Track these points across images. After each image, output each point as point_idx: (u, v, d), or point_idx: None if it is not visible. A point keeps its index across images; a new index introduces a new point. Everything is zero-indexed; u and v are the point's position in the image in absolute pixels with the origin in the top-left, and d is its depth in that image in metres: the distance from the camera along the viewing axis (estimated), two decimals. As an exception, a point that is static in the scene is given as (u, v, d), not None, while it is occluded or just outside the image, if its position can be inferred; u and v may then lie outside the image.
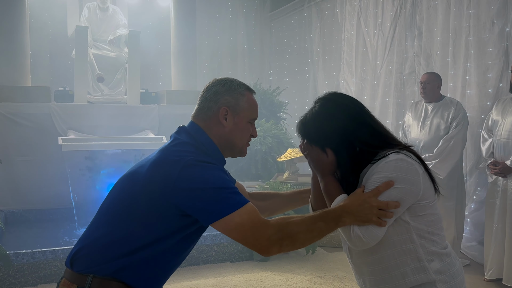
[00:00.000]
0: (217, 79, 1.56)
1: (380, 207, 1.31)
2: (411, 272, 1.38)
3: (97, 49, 5.96)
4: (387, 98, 5.39)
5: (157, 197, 1.34)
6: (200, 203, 1.31)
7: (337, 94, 1.51)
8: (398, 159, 1.36)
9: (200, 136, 1.47)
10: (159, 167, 1.37)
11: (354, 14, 5.93)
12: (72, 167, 4.99)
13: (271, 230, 1.30)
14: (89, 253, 1.39)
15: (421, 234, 1.39)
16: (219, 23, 8.03)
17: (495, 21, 3.98)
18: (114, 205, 1.43)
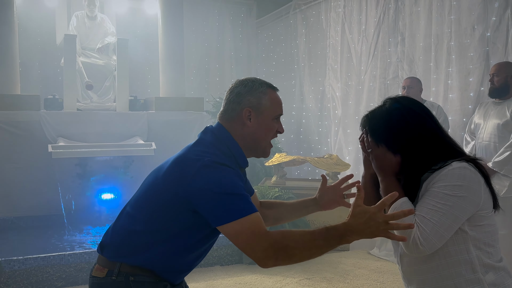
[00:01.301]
0: (239, 80, 1.59)
1: (387, 221, 1.26)
2: (465, 283, 1.36)
3: (86, 57, 5.99)
4: (371, 103, 5.49)
5: (174, 193, 1.41)
6: (209, 205, 1.36)
7: (408, 98, 1.51)
8: (461, 167, 1.35)
9: (225, 136, 1.51)
10: (178, 164, 1.44)
11: (339, 21, 6.03)
12: (62, 174, 4.99)
13: (268, 243, 1.30)
14: (117, 242, 1.49)
15: (478, 245, 1.37)
16: (206, 31, 8.11)
17: (476, 26, 4.10)
18: (140, 198, 1.52)
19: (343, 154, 5.89)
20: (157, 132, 5.55)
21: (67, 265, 3.71)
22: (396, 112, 1.45)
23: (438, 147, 1.42)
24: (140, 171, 5.30)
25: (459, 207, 1.32)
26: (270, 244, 1.30)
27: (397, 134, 1.43)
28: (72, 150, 4.79)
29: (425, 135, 1.42)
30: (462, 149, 1.47)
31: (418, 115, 1.44)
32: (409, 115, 1.43)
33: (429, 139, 1.42)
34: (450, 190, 1.33)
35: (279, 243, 1.30)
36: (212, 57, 8.13)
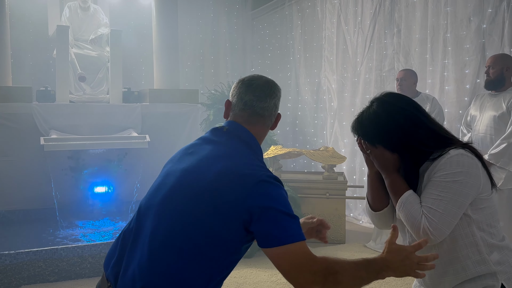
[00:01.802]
0: (271, 82, 1.53)
1: (420, 263, 1.29)
2: (472, 264, 1.43)
3: (79, 49, 5.92)
4: (367, 95, 5.47)
5: (228, 212, 1.28)
6: (269, 224, 1.26)
7: (393, 95, 1.54)
8: (459, 154, 1.41)
9: (254, 144, 1.45)
10: (230, 179, 1.30)
11: (334, 13, 5.99)
12: (54, 167, 4.94)
13: (318, 266, 1.26)
14: (168, 285, 1.28)
15: (481, 226, 1.43)
16: (201, 22, 8.03)
17: (472, 18, 4.07)
18: (177, 226, 1.30)
19: (339, 147, 5.87)
20: (151, 125, 5.50)
21: (59, 259, 3.67)
22: (383, 113, 1.48)
23: (431, 138, 1.46)
24: (133, 164, 5.27)
25: (462, 193, 1.38)
26: (322, 268, 1.26)
27: (388, 134, 1.46)
28: (64, 143, 4.73)
29: (416, 129, 1.45)
30: (454, 136, 1.52)
31: (405, 111, 1.47)
32: (396, 112, 1.47)
33: (420, 132, 1.46)
34: (451, 178, 1.38)
35: (331, 268, 1.26)
36: (207, 49, 8.07)
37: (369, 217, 1.67)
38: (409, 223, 1.42)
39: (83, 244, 3.79)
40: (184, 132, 5.71)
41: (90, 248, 3.77)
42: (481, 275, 1.43)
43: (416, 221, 1.40)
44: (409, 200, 1.44)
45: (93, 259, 3.77)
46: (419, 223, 1.39)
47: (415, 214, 1.41)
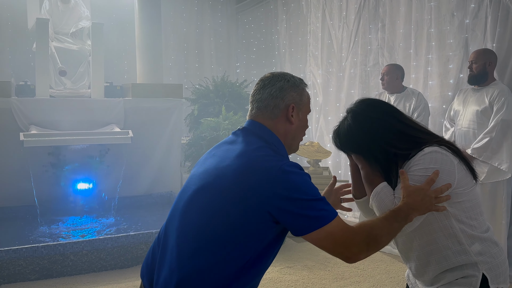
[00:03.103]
0: (275, 73, 1.51)
1: (436, 196, 1.41)
2: (453, 254, 1.49)
3: (59, 42, 5.80)
4: (352, 89, 5.47)
5: (253, 207, 1.28)
6: (295, 214, 1.28)
7: (364, 103, 1.60)
8: (432, 151, 1.47)
9: (270, 137, 1.43)
10: (249, 175, 1.30)
11: (319, 7, 5.97)
12: (34, 163, 4.84)
13: (360, 236, 1.31)
14: (198, 284, 1.30)
15: (460, 219, 1.48)
16: (185, 15, 7.94)
17: (455, 13, 4.09)
18: (204, 226, 1.32)
19: (324, 141, 5.87)
20: (134, 120, 5.42)
21: (40, 257, 3.60)
22: (354, 124, 1.55)
23: (403, 140, 1.52)
24: (116, 160, 5.20)
25: (433, 187, 1.44)
26: (363, 238, 1.32)
27: (362, 145, 1.54)
28: (45, 139, 4.63)
29: (386, 135, 1.52)
30: (432, 133, 1.57)
31: (372, 119, 1.53)
32: (364, 122, 1.54)
33: (392, 136, 1.52)
34: (424, 173, 1.45)
35: (371, 235, 1.33)
36: (191, 43, 7.99)
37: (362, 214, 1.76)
38: (381, 212, 1.48)
39: (65, 242, 3.73)
40: (168, 128, 5.64)
41: (72, 246, 3.71)
42: (462, 265, 1.48)
43: (388, 207, 1.47)
44: (384, 191, 1.50)
45: (75, 257, 3.71)
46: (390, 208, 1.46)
47: (388, 204, 1.47)
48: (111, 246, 3.83)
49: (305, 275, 3.70)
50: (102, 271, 3.79)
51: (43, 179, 4.90)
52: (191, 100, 6.23)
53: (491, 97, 3.45)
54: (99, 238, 3.81)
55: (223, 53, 8.23)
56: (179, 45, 7.88)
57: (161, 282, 1.35)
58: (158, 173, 5.61)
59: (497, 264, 1.50)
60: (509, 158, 3.36)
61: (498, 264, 1.50)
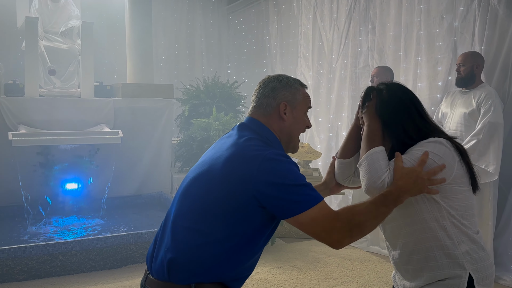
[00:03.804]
0: (272, 75, 1.61)
1: (429, 177, 1.42)
2: (441, 248, 1.48)
3: (49, 41, 5.75)
4: (342, 91, 5.50)
5: (239, 193, 1.36)
6: (281, 198, 1.34)
7: (399, 85, 1.64)
8: (437, 141, 1.49)
9: (264, 131, 1.52)
10: (237, 162, 1.39)
11: (310, 9, 5.99)
12: (23, 163, 4.80)
13: (341, 223, 1.35)
14: (186, 262, 1.40)
15: (452, 214, 1.49)
16: (176, 15, 7.93)
17: (444, 16, 4.12)
18: (197, 208, 1.42)
19: (314, 143, 5.89)
20: (124, 120, 5.40)
21: (29, 257, 3.58)
22: (387, 96, 1.59)
23: (420, 134, 1.54)
24: (106, 160, 5.17)
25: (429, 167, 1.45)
26: (345, 224, 1.35)
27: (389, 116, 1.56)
28: (33, 138, 4.60)
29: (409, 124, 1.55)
30: (447, 134, 1.59)
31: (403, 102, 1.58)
32: (394, 100, 1.58)
33: (412, 127, 1.55)
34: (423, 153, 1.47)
35: (353, 220, 1.36)
36: (182, 43, 7.97)
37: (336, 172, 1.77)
38: (368, 173, 1.48)
39: (53, 242, 3.71)
40: (158, 128, 5.63)
41: (60, 246, 3.69)
42: (449, 263, 1.48)
43: (377, 173, 1.47)
44: (380, 154, 1.50)
45: (63, 257, 3.69)
46: (380, 176, 1.46)
47: (380, 167, 1.47)
48: (100, 246, 3.82)
49: (295, 275, 3.71)
50: (91, 272, 3.77)
51: (32, 179, 4.86)
52: (182, 100, 6.21)
53: (479, 99, 3.49)
54: (88, 239, 3.79)
55: (214, 53, 8.22)
56: (170, 45, 7.86)
57: (158, 261, 1.45)
58: (148, 173, 5.59)
59: (484, 267, 1.50)
60: (495, 160, 3.40)
61: (485, 267, 1.50)
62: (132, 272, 3.78)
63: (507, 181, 3.64)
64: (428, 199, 1.49)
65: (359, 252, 4.29)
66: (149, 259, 1.53)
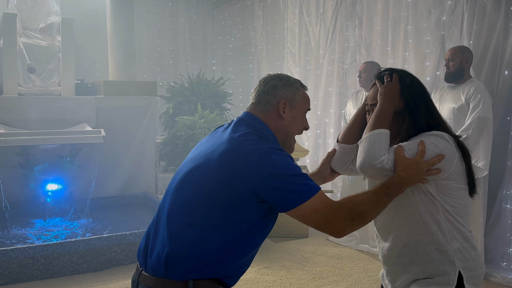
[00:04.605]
0: (273, 74, 1.61)
1: (428, 168, 1.44)
2: (432, 243, 1.49)
3: (28, 38, 5.61)
4: (330, 87, 5.45)
5: (237, 187, 1.35)
6: (279, 190, 1.34)
7: (413, 76, 1.63)
8: (439, 135, 1.50)
9: (260, 125, 1.51)
10: (234, 157, 1.38)
11: (296, 3, 5.93)
12: (2, 163, 4.69)
13: (343, 212, 1.36)
14: (186, 258, 1.38)
15: (447, 209, 1.49)
16: (159, 11, 7.79)
17: (432, 10, 4.10)
18: (194, 202, 1.41)
19: (302, 140, 5.84)
20: (107, 118, 5.28)
21: (9, 260, 3.48)
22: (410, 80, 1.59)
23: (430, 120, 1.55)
24: (88, 160, 5.06)
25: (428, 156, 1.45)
26: (347, 213, 1.36)
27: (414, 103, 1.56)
28: (13, 138, 4.47)
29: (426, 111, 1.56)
30: (452, 131, 1.58)
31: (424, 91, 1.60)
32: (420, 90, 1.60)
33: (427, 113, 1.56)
34: (426, 143, 1.47)
35: (355, 210, 1.37)
36: (165, 39, 7.85)
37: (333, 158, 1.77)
38: (367, 152, 1.48)
39: (35, 245, 3.62)
40: (142, 126, 5.52)
41: (42, 249, 3.61)
42: (439, 259, 1.48)
43: (375, 154, 1.46)
44: (384, 137, 1.50)
45: (45, 260, 3.61)
46: (377, 157, 1.46)
47: (379, 149, 1.47)
48: (83, 248, 3.73)
49: (283, 275, 3.65)
50: (74, 275, 3.69)
51: (11, 180, 4.75)
52: (166, 98, 6.11)
53: (467, 94, 3.46)
54: (70, 241, 3.71)
55: (198, 49, 8.11)
56: (153, 42, 7.73)
57: (154, 256, 1.42)
58: (132, 173, 5.49)
59: (474, 266, 1.50)
60: (485, 155, 3.38)
61: (475, 266, 1.50)
62: (117, 274, 3.69)
63: (497, 177, 3.62)
64: (424, 192, 1.48)
65: (348, 250, 4.25)
66: (142, 255, 1.49)
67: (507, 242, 3.48)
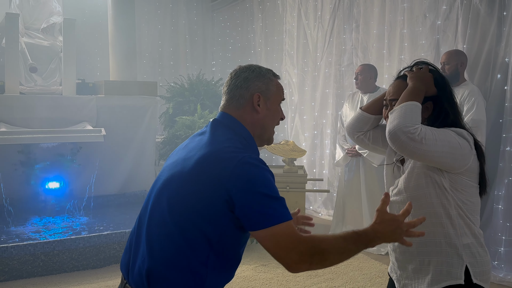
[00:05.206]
0: (243, 65, 1.54)
1: (408, 229, 1.36)
2: (443, 236, 1.51)
3: (30, 38, 5.66)
4: (327, 89, 5.52)
5: (210, 195, 1.29)
6: (249, 207, 1.27)
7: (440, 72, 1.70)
8: (459, 133, 1.52)
9: (238, 127, 1.45)
10: (210, 163, 1.32)
11: (295, 6, 6.00)
12: (4, 161, 4.73)
13: (305, 246, 1.27)
14: (167, 272, 1.33)
15: (460, 205, 1.51)
16: (159, 12, 7.86)
17: (427, 14, 4.17)
18: (170, 214, 1.35)
19: (299, 140, 5.91)
20: (107, 118, 5.34)
21: (10, 257, 3.53)
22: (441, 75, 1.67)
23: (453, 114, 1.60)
24: (88, 158, 5.11)
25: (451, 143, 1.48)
26: (308, 248, 1.27)
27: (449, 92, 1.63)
28: (14, 136, 4.52)
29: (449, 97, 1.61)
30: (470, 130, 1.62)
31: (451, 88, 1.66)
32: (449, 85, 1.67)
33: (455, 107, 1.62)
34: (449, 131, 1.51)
35: (317, 247, 1.28)
36: (165, 40, 7.91)
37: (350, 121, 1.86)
38: (403, 117, 1.47)
39: (35, 242, 3.66)
40: (142, 126, 5.58)
41: (42, 246, 3.65)
42: (448, 251, 1.52)
43: (410, 122, 1.46)
44: (418, 109, 1.51)
45: (45, 257, 3.65)
46: (412, 125, 1.46)
47: (416, 118, 1.47)
48: (83, 246, 3.78)
49: (280, 273, 3.71)
50: (74, 271, 3.73)
51: (13, 178, 4.79)
52: (166, 98, 6.17)
53: (462, 97, 3.52)
54: (70, 238, 3.75)
55: (198, 51, 8.18)
56: (154, 42, 7.79)
57: (135, 270, 1.39)
58: (132, 172, 5.54)
59: (481, 262, 1.53)
60: (478, 156, 3.44)
61: (482, 263, 1.53)
62: (116, 271, 3.75)
63: (489, 178, 3.68)
64: (439, 185, 1.51)
65: (344, 249, 4.31)
66: (125, 267, 1.46)
67: (498, 241, 3.56)
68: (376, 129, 1.82)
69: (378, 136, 1.81)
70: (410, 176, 1.58)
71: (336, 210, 4.58)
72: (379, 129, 1.82)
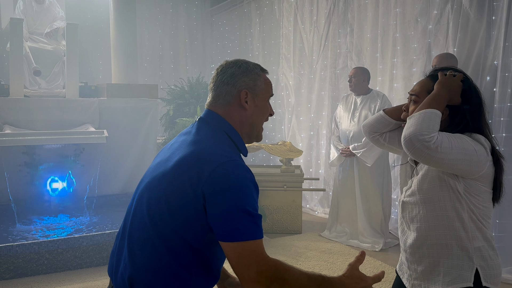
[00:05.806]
0: (230, 61, 1.45)
1: None
2: (454, 238, 1.52)
3: (34, 42, 5.77)
4: (322, 91, 5.64)
5: (189, 197, 1.23)
6: (221, 217, 1.21)
7: None
8: (479, 141, 1.51)
9: (224, 126, 1.38)
10: (192, 165, 1.25)
11: (291, 11, 6.12)
12: (9, 163, 4.79)
13: (266, 267, 1.20)
14: (148, 280, 1.28)
15: (472, 209, 1.52)
16: (160, 17, 8.00)
17: (419, 19, 4.27)
18: (150, 219, 1.29)
19: (296, 141, 6.02)
20: (109, 120, 5.43)
21: (15, 256, 3.58)
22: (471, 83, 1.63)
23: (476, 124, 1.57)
24: (91, 159, 5.21)
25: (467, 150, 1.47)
26: (270, 271, 1.20)
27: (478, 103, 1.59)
28: (19, 138, 4.61)
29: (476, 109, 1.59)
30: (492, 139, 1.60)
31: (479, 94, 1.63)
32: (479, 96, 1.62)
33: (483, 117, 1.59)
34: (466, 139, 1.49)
35: (279, 274, 1.21)
36: (166, 44, 8.04)
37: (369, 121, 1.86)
38: (420, 125, 1.47)
39: (40, 240, 3.71)
40: (143, 128, 5.67)
41: (47, 244, 3.69)
42: (458, 254, 1.53)
43: (427, 129, 1.46)
44: (437, 117, 1.50)
45: (50, 255, 3.70)
46: (429, 133, 1.45)
47: (433, 126, 1.47)
48: (86, 244, 3.83)
49: (277, 269, 3.81)
50: (77, 269, 3.79)
51: (17, 178, 4.85)
52: (167, 100, 6.28)
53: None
54: (74, 237, 3.81)
55: (198, 54, 8.31)
56: (154, 46, 7.92)
57: (118, 276, 1.34)
58: (133, 172, 5.62)
59: (492, 265, 1.54)
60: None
61: (492, 266, 1.54)
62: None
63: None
64: (453, 189, 1.51)
65: (339, 246, 4.41)
66: (109, 271, 1.42)
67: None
68: (393, 130, 1.82)
69: (395, 137, 1.81)
70: (424, 178, 1.57)
71: (331, 208, 4.69)
72: (396, 130, 1.81)
